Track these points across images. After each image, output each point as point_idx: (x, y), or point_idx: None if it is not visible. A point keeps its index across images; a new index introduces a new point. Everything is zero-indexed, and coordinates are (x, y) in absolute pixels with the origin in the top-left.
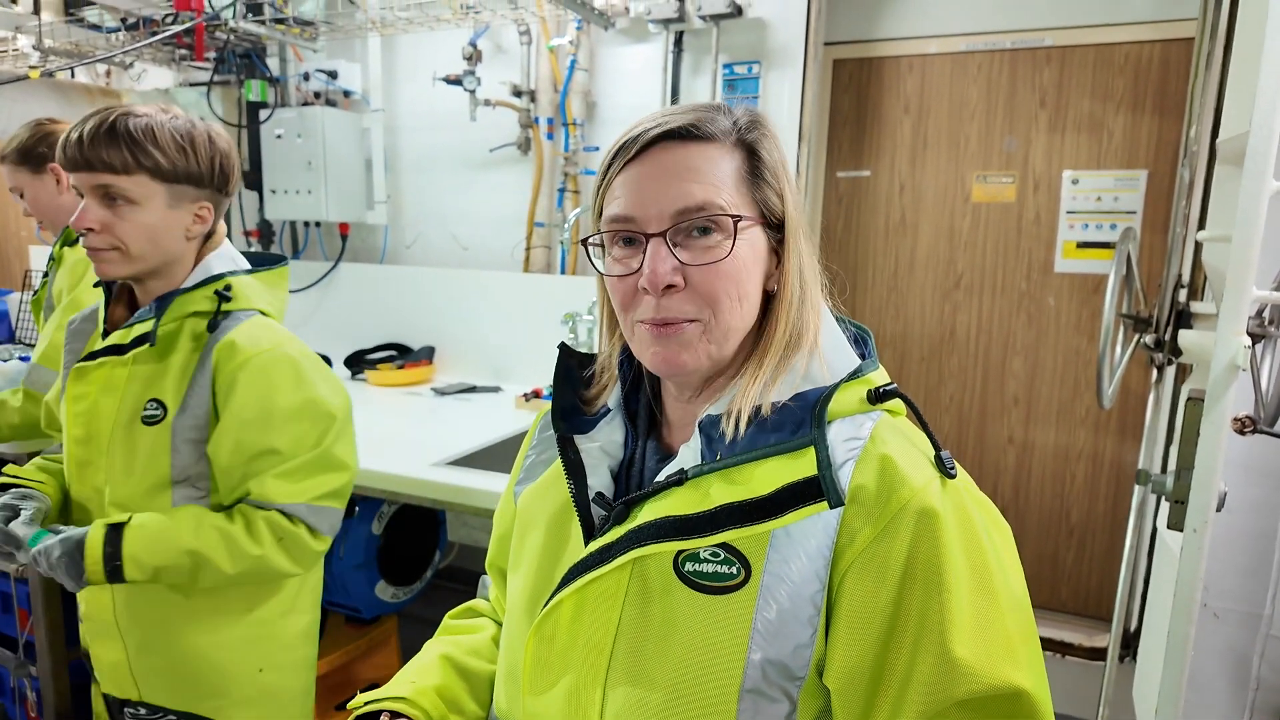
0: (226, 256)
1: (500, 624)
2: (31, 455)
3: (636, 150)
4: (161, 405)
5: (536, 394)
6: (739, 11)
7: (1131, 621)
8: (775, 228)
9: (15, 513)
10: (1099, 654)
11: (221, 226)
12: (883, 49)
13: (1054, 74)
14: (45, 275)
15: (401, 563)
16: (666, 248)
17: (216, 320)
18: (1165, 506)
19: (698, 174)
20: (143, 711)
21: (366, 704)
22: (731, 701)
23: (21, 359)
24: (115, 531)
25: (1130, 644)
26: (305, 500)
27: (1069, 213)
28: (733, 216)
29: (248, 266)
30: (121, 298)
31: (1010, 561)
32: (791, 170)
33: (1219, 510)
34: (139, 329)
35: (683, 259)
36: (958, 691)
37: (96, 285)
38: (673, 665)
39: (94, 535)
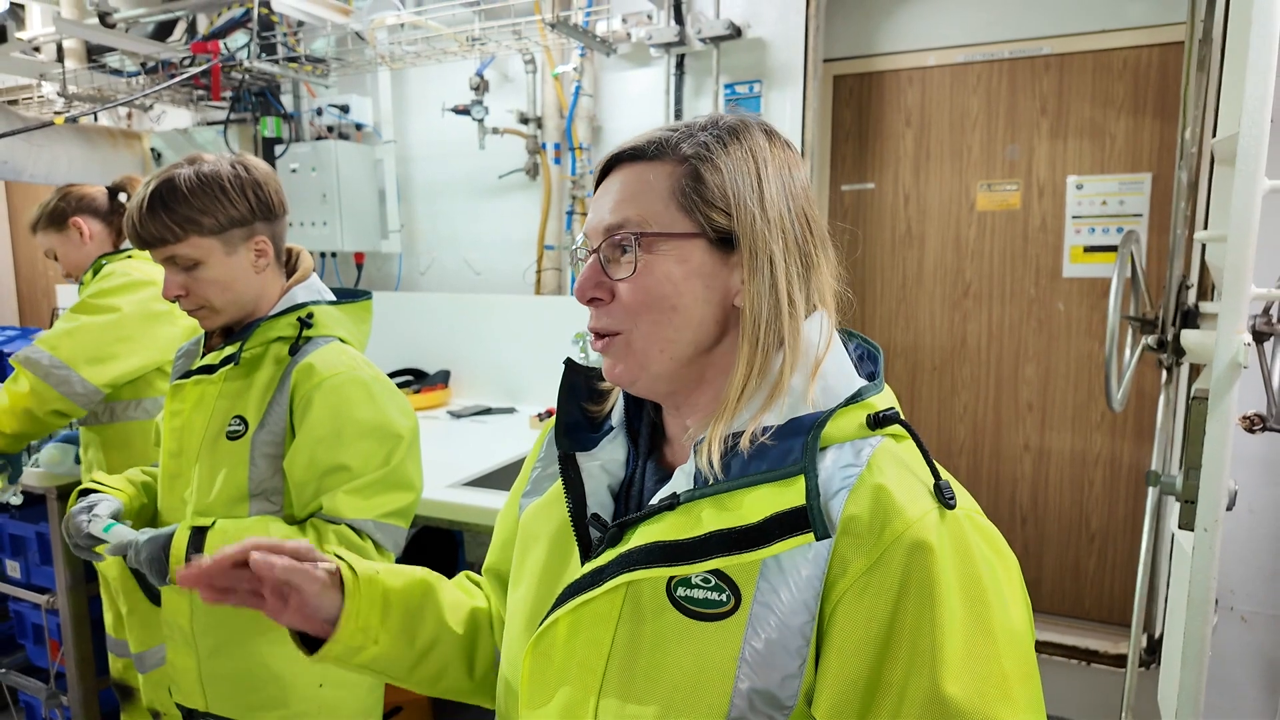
0: (312, 288)
1: (490, 610)
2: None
3: (600, 173)
4: (244, 421)
5: (551, 414)
6: (738, 33)
7: (1155, 627)
8: (730, 245)
9: (92, 510)
10: (1125, 661)
11: (308, 261)
12: (882, 63)
13: (1053, 81)
14: None
15: None
16: (598, 263)
17: (298, 345)
18: (1178, 507)
19: (626, 194)
20: None
21: (337, 556)
22: None
23: None
24: (199, 534)
25: (1156, 650)
26: (372, 516)
27: (1075, 218)
28: (637, 235)
29: (331, 298)
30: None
31: (1012, 596)
32: (771, 182)
33: (1230, 509)
34: (228, 351)
35: (609, 273)
36: None
37: None
38: (663, 688)
39: (179, 536)
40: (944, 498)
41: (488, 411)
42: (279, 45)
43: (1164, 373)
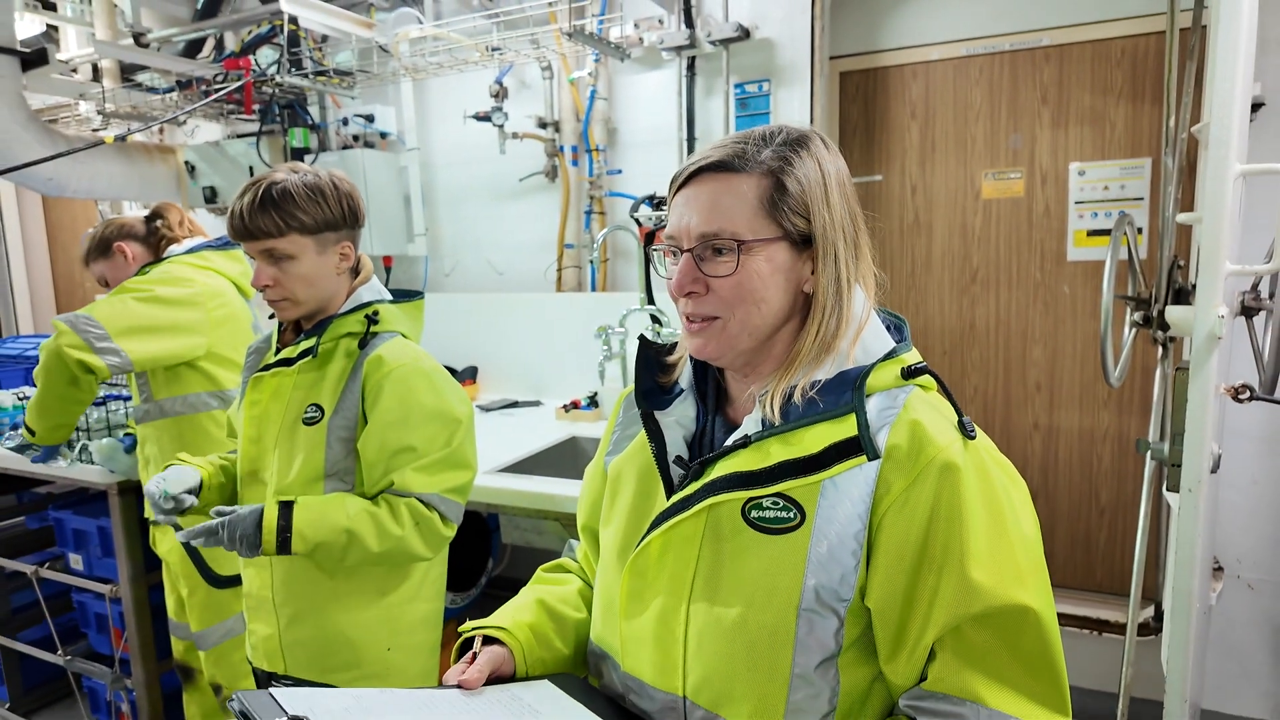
0: (374, 289)
1: (585, 581)
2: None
3: (683, 180)
4: (320, 408)
5: (575, 405)
6: (747, 34)
7: (1162, 595)
8: (806, 243)
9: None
10: (1140, 629)
11: (369, 265)
12: (886, 59)
13: (1054, 71)
14: None
15: (459, 569)
16: (693, 262)
17: (366, 339)
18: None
19: (719, 204)
20: (287, 684)
21: (474, 629)
22: (791, 618)
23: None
24: (286, 508)
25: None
26: (438, 491)
27: (1077, 203)
28: (739, 241)
29: (390, 298)
30: (289, 326)
31: (1023, 509)
32: (834, 189)
33: (1214, 472)
34: (304, 345)
35: (705, 271)
36: (973, 608)
37: (271, 317)
38: (743, 590)
39: (270, 511)
40: (966, 431)
41: (515, 405)
42: (306, 59)
43: (1159, 349)
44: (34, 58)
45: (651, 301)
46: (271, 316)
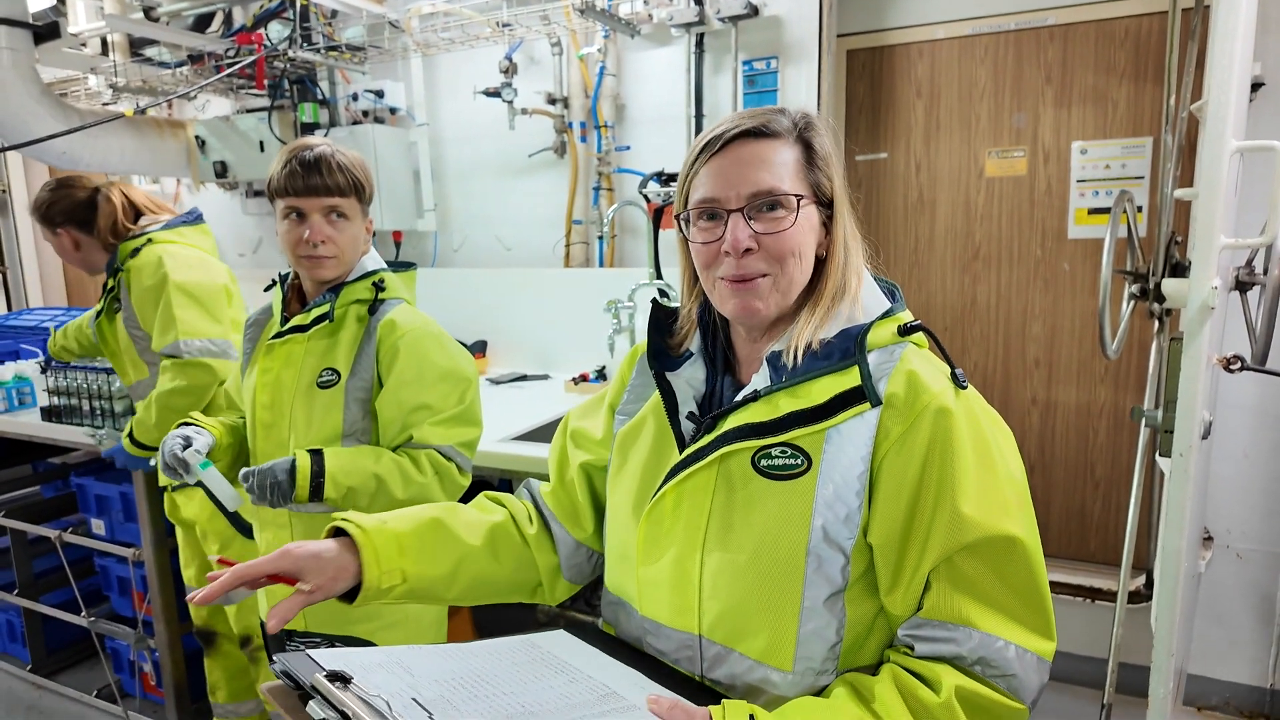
0: (375, 259)
1: (516, 522)
2: None
3: (719, 147)
4: (335, 372)
5: (584, 378)
6: (755, 12)
7: (1154, 564)
8: (825, 205)
9: (189, 441)
10: (1131, 597)
11: (368, 238)
12: (893, 37)
13: (1058, 51)
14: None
15: None
16: (744, 220)
17: (375, 305)
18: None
19: (767, 165)
20: (303, 641)
21: (341, 519)
22: (801, 556)
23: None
24: (318, 455)
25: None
26: (453, 443)
27: (1079, 181)
28: (796, 196)
29: (387, 268)
30: (293, 296)
31: (1010, 453)
32: (839, 158)
33: (1205, 438)
34: (318, 311)
35: (756, 229)
36: (965, 538)
37: (267, 290)
38: (754, 534)
39: (302, 459)
40: (959, 382)
41: (524, 378)
42: (318, 35)
43: (1156, 323)
44: (45, 31)
45: (659, 276)
46: (268, 288)
